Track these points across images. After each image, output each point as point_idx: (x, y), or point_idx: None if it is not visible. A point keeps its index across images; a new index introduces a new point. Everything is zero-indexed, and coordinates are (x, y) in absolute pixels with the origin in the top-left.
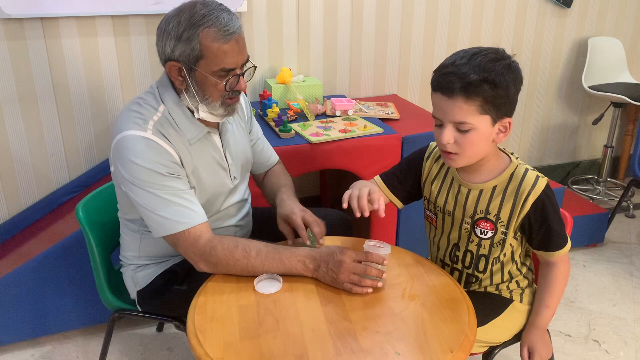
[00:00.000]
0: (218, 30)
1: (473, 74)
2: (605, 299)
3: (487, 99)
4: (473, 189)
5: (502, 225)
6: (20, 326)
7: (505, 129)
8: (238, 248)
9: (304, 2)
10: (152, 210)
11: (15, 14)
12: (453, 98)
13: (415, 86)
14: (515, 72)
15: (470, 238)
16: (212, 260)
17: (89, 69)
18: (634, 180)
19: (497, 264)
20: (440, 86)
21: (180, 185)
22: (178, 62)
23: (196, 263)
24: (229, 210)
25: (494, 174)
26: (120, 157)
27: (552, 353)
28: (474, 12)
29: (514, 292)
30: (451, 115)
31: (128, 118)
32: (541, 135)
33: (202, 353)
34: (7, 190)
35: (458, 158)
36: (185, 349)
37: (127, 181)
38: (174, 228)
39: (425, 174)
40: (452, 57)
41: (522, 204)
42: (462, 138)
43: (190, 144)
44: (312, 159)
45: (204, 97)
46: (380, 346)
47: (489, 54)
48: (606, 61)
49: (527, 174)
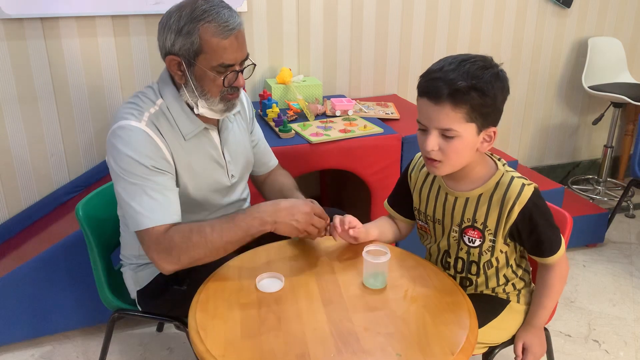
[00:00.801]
0: (218, 26)
1: (462, 80)
2: (605, 299)
3: (474, 107)
4: (459, 197)
5: (490, 233)
6: (20, 326)
7: (490, 138)
8: (193, 231)
9: (304, 2)
10: (127, 201)
11: (15, 14)
12: (440, 104)
13: (415, 86)
14: (503, 81)
15: (460, 246)
16: (174, 253)
17: (89, 69)
18: (634, 180)
19: (492, 269)
20: (427, 91)
21: (162, 181)
22: (178, 56)
23: (158, 262)
24: (227, 210)
25: (479, 182)
26: (111, 146)
27: (545, 351)
28: (474, 12)
29: (510, 293)
30: (437, 122)
31: (125, 109)
32: (541, 135)
33: (203, 350)
34: (7, 190)
35: (442, 166)
36: (185, 348)
37: (113, 169)
38: (141, 223)
39: (412, 185)
40: (439, 63)
41: (509, 213)
42: (446, 145)
43: (185, 139)
44: (312, 159)
45: (203, 93)
46: (382, 347)
47: (477, 62)
48: (606, 61)
49: (512, 183)
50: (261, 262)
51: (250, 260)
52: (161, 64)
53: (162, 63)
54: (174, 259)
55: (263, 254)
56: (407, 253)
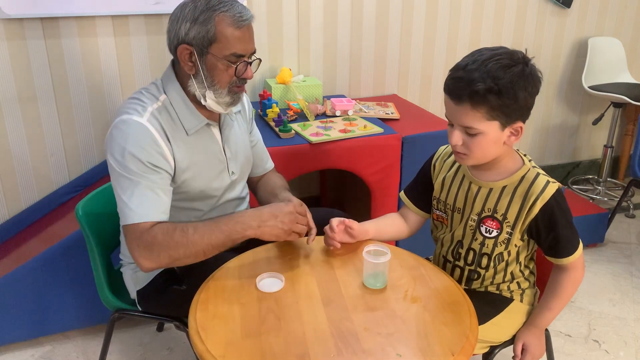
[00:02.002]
0: (233, 16)
1: (480, 82)
2: (605, 299)
3: (494, 107)
4: (483, 187)
5: (508, 226)
6: (20, 326)
7: (517, 132)
8: (176, 230)
9: (304, 2)
10: (119, 194)
11: (15, 14)
12: (460, 104)
13: (415, 86)
14: (528, 77)
15: (475, 236)
16: (155, 250)
17: (89, 69)
18: (634, 180)
19: (502, 263)
20: (449, 91)
21: (156, 180)
22: (190, 46)
23: (138, 258)
24: (226, 207)
25: (505, 174)
26: (110, 139)
27: (544, 353)
28: (474, 12)
29: (514, 292)
30: (459, 120)
31: (128, 104)
32: (541, 135)
33: (203, 350)
34: (7, 190)
35: (467, 158)
36: (185, 348)
37: (110, 162)
38: (128, 218)
39: (435, 174)
40: (466, 59)
41: (530, 207)
42: (470, 141)
43: (187, 134)
44: (312, 159)
45: (212, 83)
46: (382, 347)
47: (502, 59)
48: (606, 61)
49: (537, 178)
50: (261, 262)
51: (250, 260)
52: (162, 64)
53: (162, 62)
54: (154, 256)
55: (263, 254)
56: (407, 253)
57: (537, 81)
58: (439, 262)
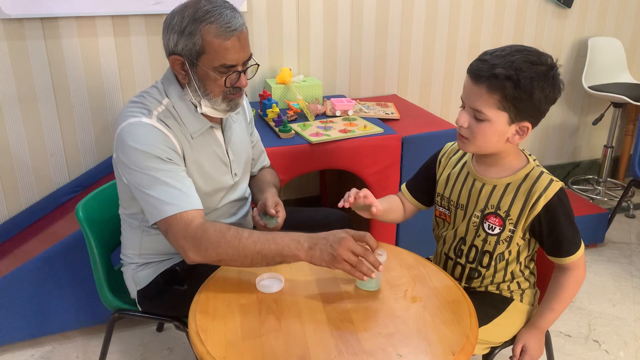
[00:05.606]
0: (220, 27)
1: (501, 68)
2: (605, 299)
3: (507, 97)
4: (487, 184)
5: (511, 223)
6: (20, 326)
7: (523, 132)
8: (230, 230)
9: (304, 2)
10: (147, 191)
11: (15, 14)
12: (477, 85)
13: (415, 86)
14: (549, 80)
15: (478, 233)
16: (202, 245)
17: (89, 69)
18: (634, 180)
19: (502, 262)
20: (471, 70)
21: (178, 171)
22: (181, 56)
23: (186, 251)
24: (229, 208)
25: (509, 171)
26: (122, 143)
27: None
28: (474, 12)
29: (515, 292)
30: (472, 101)
31: (132, 108)
32: (541, 135)
33: (203, 352)
34: (7, 190)
35: (468, 143)
36: (185, 349)
37: (126, 166)
38: (166, 211)
39: (440, 170)
40: (497, 48)
41: (533, 205)
42: (475, 126)
43: (192, 137)
44: (312, 159)
45: (206, 92)
46: (382, 348)
47: (530, 56)
48: (606, 61)
49: (541, 177)
50: None
51: None
52: (162, 64)
53: (163, 62)
54: (202, 251)
55: None
56: (406, 252)
57: (557, 88)
58: (441, 259)
